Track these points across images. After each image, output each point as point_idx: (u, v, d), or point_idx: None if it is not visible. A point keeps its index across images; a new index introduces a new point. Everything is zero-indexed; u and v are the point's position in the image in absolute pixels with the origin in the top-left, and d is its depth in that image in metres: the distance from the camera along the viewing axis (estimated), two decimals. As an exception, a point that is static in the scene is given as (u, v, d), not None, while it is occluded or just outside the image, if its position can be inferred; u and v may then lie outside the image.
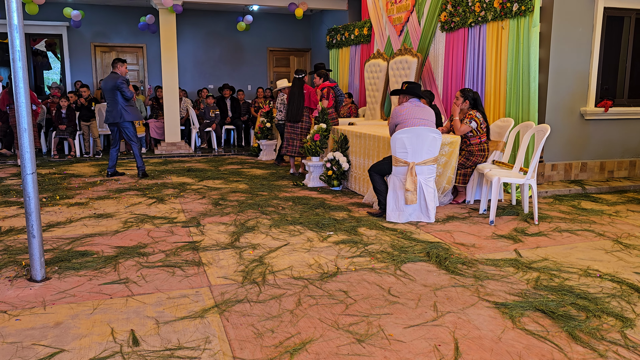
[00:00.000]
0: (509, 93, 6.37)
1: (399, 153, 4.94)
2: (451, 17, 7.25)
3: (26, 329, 2.80)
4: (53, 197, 6.03)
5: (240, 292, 3.33)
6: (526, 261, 3.93)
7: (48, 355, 2.53)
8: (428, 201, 4.99)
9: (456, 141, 5.53)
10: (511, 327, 2.87)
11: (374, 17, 9.36)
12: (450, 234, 4.65)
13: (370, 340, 2.71)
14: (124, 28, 12.24)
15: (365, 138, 6.13)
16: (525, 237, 4.60)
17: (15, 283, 3.46)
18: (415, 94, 5.17)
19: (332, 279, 3.56)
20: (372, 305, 3.14)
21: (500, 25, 6.42)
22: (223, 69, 13.12)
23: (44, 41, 12.41)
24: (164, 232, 4.68)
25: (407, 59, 7.90)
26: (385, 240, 4.43)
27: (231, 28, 12.82)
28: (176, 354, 2.56)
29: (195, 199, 6.02)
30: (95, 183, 6.98)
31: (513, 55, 6.26)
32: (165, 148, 10.03)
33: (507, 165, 5.42)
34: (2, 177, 7.39)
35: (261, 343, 2.68)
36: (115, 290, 3.35)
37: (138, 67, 12.71)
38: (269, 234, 4.62)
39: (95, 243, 4.33)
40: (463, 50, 7.16)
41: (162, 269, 3.73)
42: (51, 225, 4.85)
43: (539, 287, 3.42)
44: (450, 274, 3.67)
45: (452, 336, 2.76)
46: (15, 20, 3.22)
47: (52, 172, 7.80)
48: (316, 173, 6.78)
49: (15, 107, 3.30)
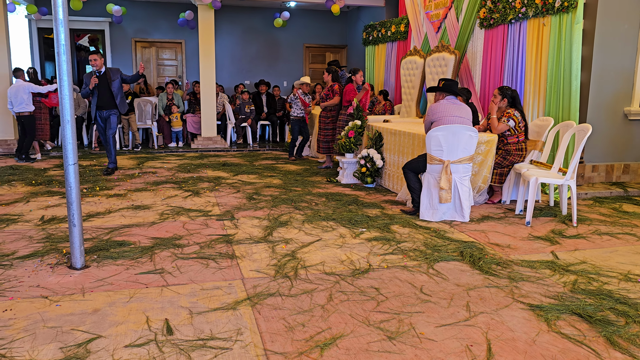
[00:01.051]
0: (549, 91, 6.21)
1: (434, 151, 4.89)
2: (490, 14, 7.12)
3: (66, 315, 2.90)
4: (93, 188, 6.21)
5: (272, 285, 3.36)
6: (563, 264, 3.83)
7: (86, 341, 2.61)
8: (463, 200, 4.92)
9: (493, 140, 5.42)
10: (546, 330, 2.80)
11: (412, 14, 9.26)
12: (485, 234, 4.58)
13: (401, 338, 2.69)
14: (163, 24, 12.48)
15: (399, 135, 6.08)
16: (563, 239, 4.48)
17: (57, 270, 3.58)
18: (452, 91, 5.10)
19: (364, 276, 3.55)
20: (403, 303, 3.12)
21: (542, 22, 6.26)
22: (259, 65, 13.23)
23: (87, 37, 12.76)
24: (199, 224, 4.76)
25: (444, 56, 7.79)
26: (418, 239, 4.39)
27: (268, 24, 12.91)
28: (208, 344, 2.60)
29: (229, 193, 6.10)
30: (133, 175, 7.15)
31: (554, 53, 6.10)
32: (202, 142, 10.19)
33: (546, 166, 5.28)
34: (46, 168, 7.65)
35: (292, 337, 2.70)
36: (150, 280, 3.43)
37: (177, 63, 12.94)
38: (302, 229, 4.65)
39: (133, 233, 4.45)
40: (502, 47, 7.02)
41: (197, 261, 3.80)
42: (91, 215, 5.00)
43: (576, 290, 3.33)
44: (484, 274, 3.61)
45: (485, 337, 2.71)
46: (60, 15, 3.33)
47: (92, 164, 8.03)
48: (350, 170, 6.77)
49: (59, 99, 3.41)
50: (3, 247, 4.03)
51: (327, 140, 7.73)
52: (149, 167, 7.90)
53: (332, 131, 7.68)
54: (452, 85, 5.14)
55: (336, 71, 7.65)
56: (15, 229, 4.53)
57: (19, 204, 5.42)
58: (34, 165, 7.87)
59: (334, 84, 7.57)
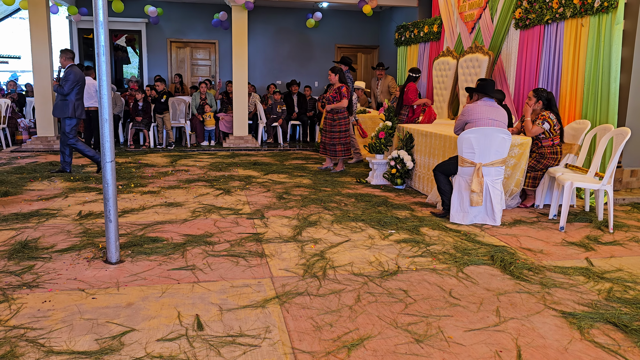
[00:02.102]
0: (586, 94, 6.06)
1: (466, 153, 4.83)
2: (526, 14, 6.99)
3: (101, 307, 2.99)
4: (128, 185, 6.36)
5: (300, 285, 3.39)
6: (598, 271, 3.74)
7: (120, 333, 2.69)
8: (494, 203, 4.85)
9: (526, 143, 5.33)
10: (579, 338, 2.75)
11: (445, 14, 9.17)
12: (517, 239, 4.51)
13: (428, 341, 2.68)
14: (198, 24, 12.69)
15: (431, 137, 6.03)
16: (599, 245, 4.37)
17: (93, 264, 3.69)
18: (487, 93, 5.02)
19: (392, 278, 3.54)
20: (432, 306, 3.10)
21: (580, 22, 6.11)
22: (291, 65, 13.31)
23: (124, 37, 13.07)
24: (230, 222, 4.83)
25: (477, 57, 7.69)
26: (447, 242, 4.35)
27: (300, 25, 12.98)
28: (237, 340, 2.65)
29: (260, 192, 6.16)
30: (166, 173, 7.30)
31: (592, 54, 5.95)
32: (233, 141, 10.32)
33: (581, 170, 5.16)
34: (84, 164, 7.88)
35: (319, 336, 2.71)
36: (182, 276, 3.50)
37: (210, 62, 13.14)
38: (331, 229, 4.66)
39: (166, 230, 4.54)
40: (538, 48, 6.88)
41: (227, 258, 3.86)
42: (126, 212, 5.13)
43: (611, 298, 3.25)
44: (515, 279, 3.56)
45: (515, 343, 2.68)
46: (101, 17, 3.43)
47: (128, 162, 8.23)
48: (380, 171, 6.75)
49: (98, 98, 3.52)
50: (43, 241, 4.18)
51: (333, 144, 7.37)
52: (182, 165, 8.05)
53: (338, 134, 7.29)
54: (486, 87, 5.06)
55: (342, 71, 7.23)
56: (54, 223, 4.68)
57: (58, 199, 5.60)
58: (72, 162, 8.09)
59: (342, 85, 7.15)
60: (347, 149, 7.41)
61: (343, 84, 7.19)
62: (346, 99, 7.14)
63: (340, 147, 7.37)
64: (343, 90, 7.13)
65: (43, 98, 9.49)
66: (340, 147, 7.37)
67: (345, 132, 7.33)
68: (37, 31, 9.33)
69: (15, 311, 2.92)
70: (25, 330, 2.70)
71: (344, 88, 7.14)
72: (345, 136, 7.35)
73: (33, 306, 2.99)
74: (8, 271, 3.51)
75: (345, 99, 7.14)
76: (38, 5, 9.28)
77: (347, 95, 7.15)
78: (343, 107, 7.19)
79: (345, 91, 7.13)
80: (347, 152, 7.44)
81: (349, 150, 7.46)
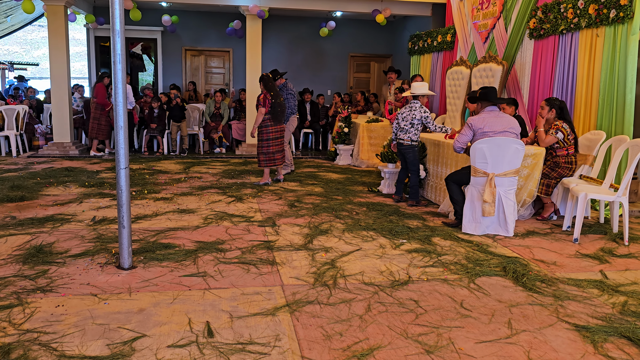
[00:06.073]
0: (601, 105, 6.01)
1: (479, 163, 4.81)
2: (541, 24, 6.96)
3: (113, 313, 3.02)
4: (142, 191, 6.42)
5: (311, 293, 3.39)
6: (613, 284, 3.69)
7: (131, 339, 2.71)
8: (507, 214, 4.81)
9: (540, 153, 5.29)
10: (592, 352, 2.71)
11: (459, 24, 9.17)
12: (530, 250, 4.47)
13: (439, 352, 2.66)
14: (213, 33, 12.81)
15: (443, 146, 6.02)
16: (613, 258, 4.32)
17: (105, 269, 3.72)
18: (488, 100, 4.95)
19: (403, 287, 3.53)
20: (442, 317, 3.08)
21: (595, 33, 6.08)
22: (304, 74, 13.36)
23: (140, 45, 13.24)
24: (241, 230, 4.85)
25: (491, 66, 7.67)
26: (459, 252, 4.32)
27: (314, 34, 13.04)
28: (247, 348, 2.65)
29: (271, 200, 6.18)
30: (180, 180, 7.35)
31: (607, 65, 5.90)
32: (246, 149, 10.37)
33: (596, 181, 5.11)
34: (99, 170, 7.97)
35: (329, 345, 2.71)
36: (193, 283, 3.52)
37: (224, 71, 13.24)
38: (342, 238, 4.66)
39: (178, 237, 4.57)
40: (552, 58, 6.85)
41: (238, 266, 3.87)
42: (139, 218, 5.17)
43: (626, 312, 3.21)
44: (527, 291, 3.53)
45: (527, 356, 2.65)
46: (117, 26, 3.48)
47: (141, 168, 8.30)
48: (392, 180, 6.74)
49: (114, 105, 3.57)
50: (57, 246, 4.23)
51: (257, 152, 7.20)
52: (195, 172, 8.11)
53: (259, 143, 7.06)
54: (488, 94, 4.97)
55: (266, 80, 6.98)
56: (68, 228, 4.74)
57: (73, 205, 5.66)
58: (87, 167, 8.20)
59: (264, 93, 6.96)
60: (269, 158, 7.10)
61: (263, 92, 7.00)
62: (262, 107, 6.92)
63: (262, 156, 7.10)
64: (260, 98, 6.95)
65: (60, 104, 9.64)
66: (262, 156, 7.09)
67: (265, 141, 7.04)
68: (55, 40, 9.49)
69: (29, 315, 2.96)
70: (39, 334, 2.74)
71: (261, 96, 6.96)
72: (265, 145, 7.04)
73: (46, 310, 3.03)
74: (23, 275, 3.56)
75: (262, 107, 6.92)
76: (57, 15, 9.45)
77: (264, 104, 6.92)
78: (262, 116, 6.96)
79: (262, 99, 6.92)
80: (269, 162, 7.12)
81: (272, 160, 7.13)
